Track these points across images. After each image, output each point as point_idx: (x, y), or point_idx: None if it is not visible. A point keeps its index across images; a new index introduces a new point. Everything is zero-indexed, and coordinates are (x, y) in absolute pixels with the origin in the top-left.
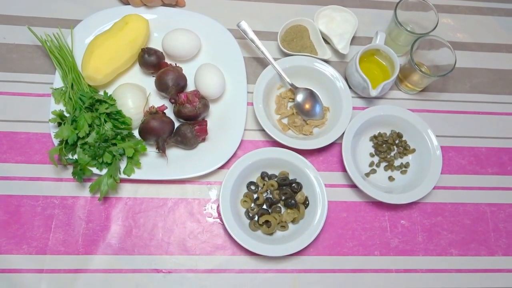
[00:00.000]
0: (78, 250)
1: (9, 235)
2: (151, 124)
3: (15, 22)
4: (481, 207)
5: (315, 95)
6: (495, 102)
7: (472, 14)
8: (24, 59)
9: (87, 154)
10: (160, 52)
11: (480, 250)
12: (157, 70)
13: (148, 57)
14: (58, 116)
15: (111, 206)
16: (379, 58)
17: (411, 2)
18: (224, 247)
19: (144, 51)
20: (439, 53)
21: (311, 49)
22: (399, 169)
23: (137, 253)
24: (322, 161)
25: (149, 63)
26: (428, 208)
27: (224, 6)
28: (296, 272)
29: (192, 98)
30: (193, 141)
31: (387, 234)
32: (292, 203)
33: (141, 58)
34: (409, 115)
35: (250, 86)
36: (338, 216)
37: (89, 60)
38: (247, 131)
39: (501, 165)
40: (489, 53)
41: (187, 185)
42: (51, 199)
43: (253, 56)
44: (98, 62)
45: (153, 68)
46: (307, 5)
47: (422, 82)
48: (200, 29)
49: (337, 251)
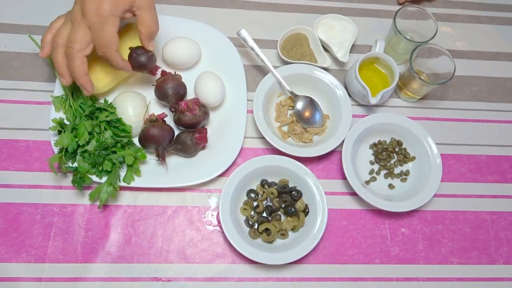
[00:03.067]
0: (77, 258)
1: (8, 243)
2: (151, 132)
3: (16, 31)
4: (481, 215)
5: (315, 103)
6: (494, 110)
7: (471, 22)
8: (25, 67)
9: (87, 162)
10: (151, 52)
11: (481, 259)
12: (151, 71)
13: (137, 56)
14: (58, 124)
15: (111, 214)
16: (379, 66)
17: (410, 10)
18: (224, 255)
19: (132, 50)
20: (439, 61)
21: (311, 57)
22: (399, 177)
23: (137, 261)
24: (322, 168)
25: (139, 63)
26: (428, 216)
27: (224, 15)
28: (296, 281)
29: (192, 106)
30: (193, 149)
31: (387, 242)
32: (292, 211)
33: (129, 58)
34: (409, 123)
35: (250, 94)
36: (338, 224)
37: (88, 68)
38: (247, 138)
39: (501, 173)
40: (488, 61)
41: (187, 193)
42: (50, 207)
43: (253, 64)
44: (98, 71)
45: (145, 68)
46: (307, 14)
47: (421, 90)
48: (200, 37)
49: (338, 259)
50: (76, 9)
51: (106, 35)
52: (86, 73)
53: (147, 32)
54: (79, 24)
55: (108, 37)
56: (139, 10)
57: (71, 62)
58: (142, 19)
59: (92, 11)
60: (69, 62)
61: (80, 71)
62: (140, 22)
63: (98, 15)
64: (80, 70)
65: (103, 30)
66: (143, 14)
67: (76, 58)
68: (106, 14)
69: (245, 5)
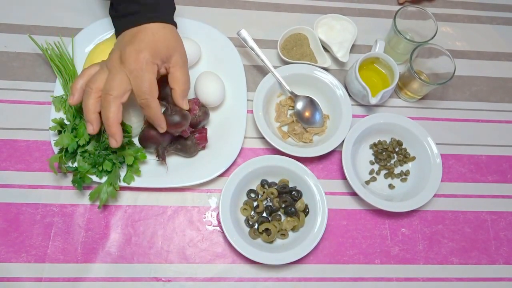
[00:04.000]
0: (77, 258)
1: (8, 243)
2: (151, 132)
3: (16, 31)
4: (481, 215)
5: (315, 103)
6: (494, 110)
7: (471, 22)
8: (25, 67)
9: (87, 162)
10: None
11: (481, 259)
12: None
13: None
14: (58, 124)
15: (111, 214)
16: (379, 66)
17: (410, 10)
18: (224, 255)
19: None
20: (439, 61)
21: (311, 57)
22: (399, 177)
23: (137, 261)
24: (322, 168)
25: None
26: (428, 216)
27: (224, 15)
28: (296, 280)
29: (192, 106)
30: (193, 149)
31: (387, 242)
32: (292, 211)
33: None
34: (409, 123)
35: (250, 94)
36: (338, 224)
37: None
38: (247, 138)
39: (501, 173)
40: (488, 61)
41: (187, 193)
42: (50, 207)
43: (253, 64)
44: None
45: (179, 126)
46: (307, 14)
47: (421, 90)
48: (200, 37)
49: (338, 259)
50: (114, 57)
51: (147, 82)
52: (120, 122)
53: (181, 90)
54: (117, 71)
55: (150, 83)
56: (174, 68)
57: (106, 109)
58: (177, 77)
59: (132, 58)
60: (104, 109)
61: (115, 119)
62: (175, 80)
63: (138, 62)
64: (115, 117)
65: (144, 76)
66: (177, 72)
67: (113, 105)
68: (146, 61)
69: (245, 5)
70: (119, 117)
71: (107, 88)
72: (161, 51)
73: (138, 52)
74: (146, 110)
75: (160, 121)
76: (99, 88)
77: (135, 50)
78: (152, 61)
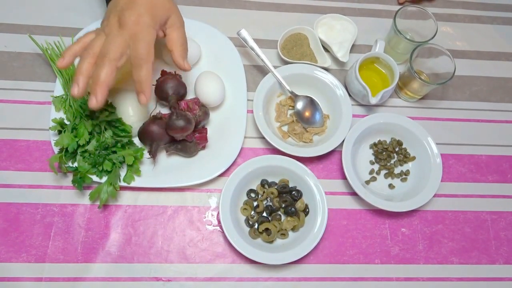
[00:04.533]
0: (77, 258)
1: (8, 243)
2: (150, 127)
3: (17, 31)
4: (481, 215)
5: (315, 102)
6: (494, 110)
7: (471, 22)
8: (25, 67)
9: (87, 162)
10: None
11: (481, 259)
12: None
13: (176, 119)
14: (58, 124)
15: (111, 214)
16: (379, 66)
17: (410, 10)
18: (224, 255)
19: (173, 111)
20: (439, 61)
21: (311, 57)
22: (399, 177)
23: (137, 261)
24: (322, 168)
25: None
26: (428, 216)
27: (224, 14)
28: (296, 280)
29: (192, 106)
30: (193, 149)
31: (387, 242)
32: (292, 210)
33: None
34: (409, 122)
35: (250, 94)
36: (338, 224)
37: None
38: (247, 138)
39: (501, 173)
40: (488, 61)
41: (187, 192)
42: (50, 206)
43: (253, 64)
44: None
45: (185, 130)
46: (307, 14)
47: (421, 90)
48: (200, 37)
49: (338, 259)
50: (112, 20)
51: (145, 45)
52: (109, 87)
53: (179, 50)
54: (115, 35)
55: (147, 47)
56: (171, 28)
57: (99, 69)
58: (174, 38)
59: (131, 21)
60: (97, 69)
61: (105, 80)
62: (173, 42)
63: (139, 25)
64: (106, 79)
65: (142, 39)
66: (174, 32)
67: (107, 66)
68: (146, 25)
69: (245, 5)
70: (110, 80)
71: (103, 52)
72: (159, 14)
73: (139, 15)
74: (136, 71)
75: (146, 86)
76: (95, 54)
77: (136, 13)
78: (152, 25)
